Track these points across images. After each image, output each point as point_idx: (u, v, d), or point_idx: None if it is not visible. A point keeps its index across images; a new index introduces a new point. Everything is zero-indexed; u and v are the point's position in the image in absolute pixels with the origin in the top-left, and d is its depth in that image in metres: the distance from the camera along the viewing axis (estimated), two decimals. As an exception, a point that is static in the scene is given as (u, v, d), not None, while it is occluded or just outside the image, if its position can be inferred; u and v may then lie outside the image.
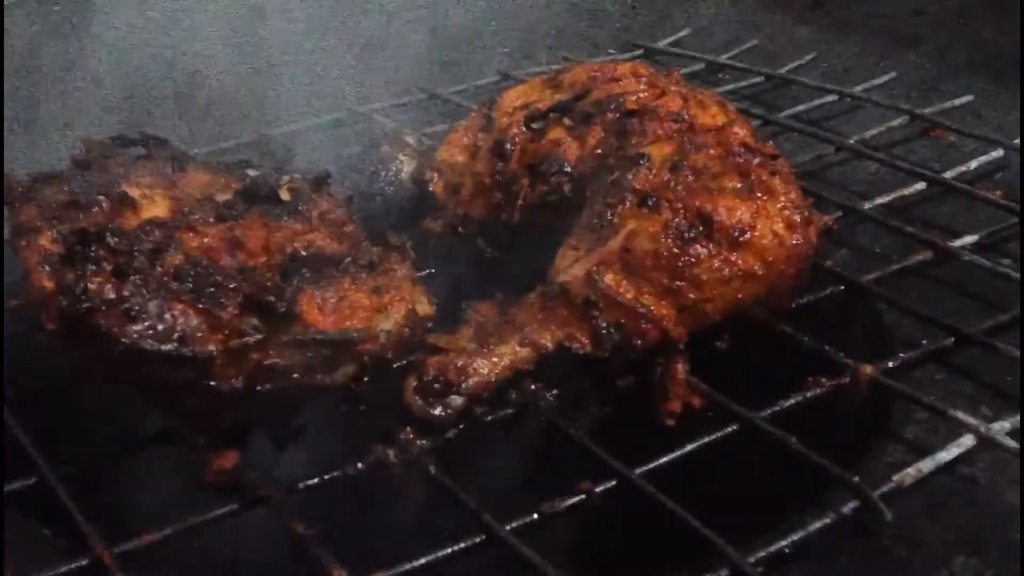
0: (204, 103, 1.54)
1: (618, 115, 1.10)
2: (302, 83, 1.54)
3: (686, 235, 0.97)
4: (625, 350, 0.95)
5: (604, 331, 0.94)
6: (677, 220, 0.97)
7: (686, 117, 1.08)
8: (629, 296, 0.95)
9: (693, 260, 0.96)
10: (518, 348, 0.94)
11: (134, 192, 0.99)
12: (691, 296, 0.96)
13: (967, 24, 1.87)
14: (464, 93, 1.63)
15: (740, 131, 1.08)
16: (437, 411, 0.90)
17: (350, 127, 1.50)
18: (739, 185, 1.00)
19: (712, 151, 1.04)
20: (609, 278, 0.96)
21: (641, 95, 1.12)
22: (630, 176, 1.02)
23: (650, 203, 0.98)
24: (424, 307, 0.96)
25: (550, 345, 0.95)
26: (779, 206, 1.01)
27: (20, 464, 0.86)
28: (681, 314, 0.96)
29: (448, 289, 1.04)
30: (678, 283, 0.96)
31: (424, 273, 1.04)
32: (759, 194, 1.00)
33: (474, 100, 1.60)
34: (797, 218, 1.01)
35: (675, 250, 0.96)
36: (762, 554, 0.79)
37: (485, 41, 1.81)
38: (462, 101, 1.58)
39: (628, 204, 1.00)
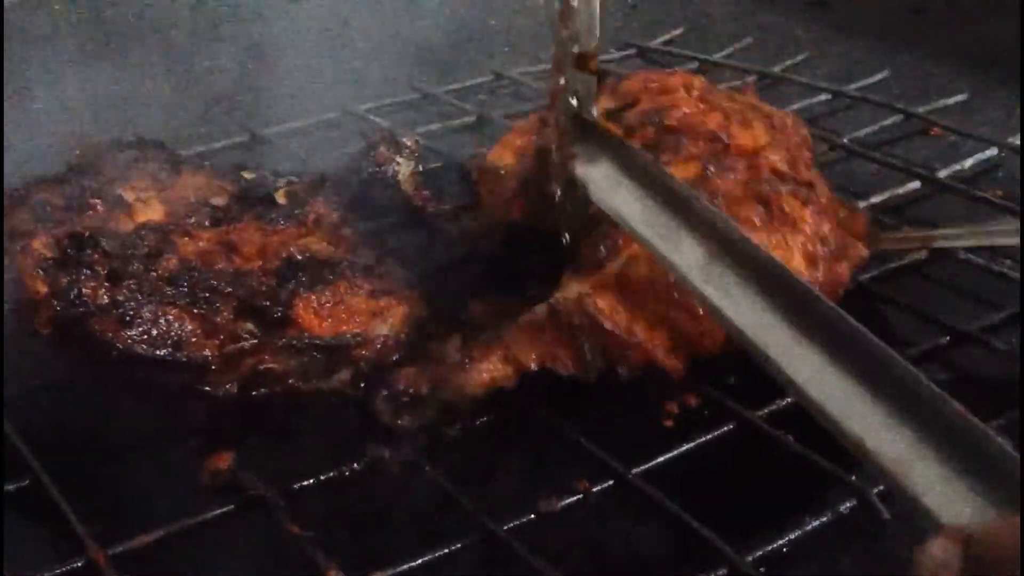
0: (198, 103, 1.54)
1: (656, 130, 1.04)
2: (296, 83, 1.54)
3: None
4: (609, 373, 0.92)
5: (588, 355, 0.91)
6: None
7: (724, 137, 1.01)
8: (621, 321, 0.91)
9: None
10: (500, 365, 0.91)
11: (129, 196, 1.00)
12: (687, 329, 0.91)
13: (962, 22, 1.87)
14: (458, 93, 1.63)
15: (774, 155, 1.01)
16: (402, 421, 0.88)
17: (345, 128, 1.50)
18: (757, 215, 0.94)
19: (739, 175, 0.97)
20: (602, 303, 0.92)
21: (687, 110, 1.05)
22: None
23: None
24: (421, 310, 0.96)
25: (533, 365, 0.91)
26: (801, 239, 0.94)
27: (15, 465, 0.86)
28: (675, 346, 0.92)
29: (446, 291, 1.04)
30: (674, 313, 0.91)
31: (422, 275, 1.03)
32: (778, 224, 0.94)
33: (468, 100, 1.60)
34: (821, 252, 0.95)
35: (671, 279, 0.90)
36: (760, 553, 0.79)
37: (482, 41, 1.81)
38: (456, 101, 1.59)
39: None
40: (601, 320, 0.91)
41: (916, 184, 1.32)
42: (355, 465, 0.86)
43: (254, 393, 0.87)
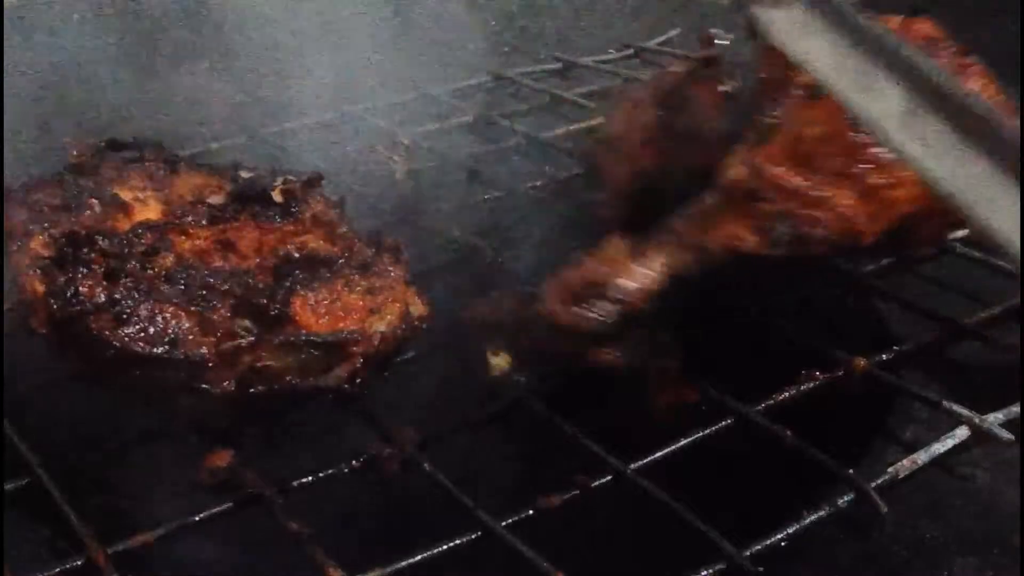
0: (196, 103, 1.54)
1: None
2: (293, 83, 1.54)
3: None
4: (801, 246, 0.86)
5: (771, 224, 0.85)
6: None
7: None
8: (803, 181, 0.85)
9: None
10: (676, 252, 0.85)
11: (126, 195, 0.99)
12: (874, 180, 0.85)
13: (960, 21, 1.86)
14: (456, 93, 1.63)
15: (924, 26, 0.98)
16: (591, 315, 0.83)
17: (343, 128, 1.50)
18: None
19: None
20: (777, 168, 0.85)
21: None
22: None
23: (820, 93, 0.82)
24: (418, 307, 0.96)
25: (711, 246, 0.86)
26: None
27: (14, 464, 0.86)
28: (865, 202, 0.86)
29: (443, 288, 1.04)
30: (857, 166, 0.85)
31: (418, 273, 1.03)
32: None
33: (466, 100, 1.60)
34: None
35: (850, 127, 0.84)
36: (758, 547, 0.79)
37: (480, 41, 1.81)
38: (455, 101, 1.59)
39: (794, 98, 0.87)
40: (782, 181, 0.85)
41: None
42: (354, 462, 0.86)
43: (252, 391, 0.87)
